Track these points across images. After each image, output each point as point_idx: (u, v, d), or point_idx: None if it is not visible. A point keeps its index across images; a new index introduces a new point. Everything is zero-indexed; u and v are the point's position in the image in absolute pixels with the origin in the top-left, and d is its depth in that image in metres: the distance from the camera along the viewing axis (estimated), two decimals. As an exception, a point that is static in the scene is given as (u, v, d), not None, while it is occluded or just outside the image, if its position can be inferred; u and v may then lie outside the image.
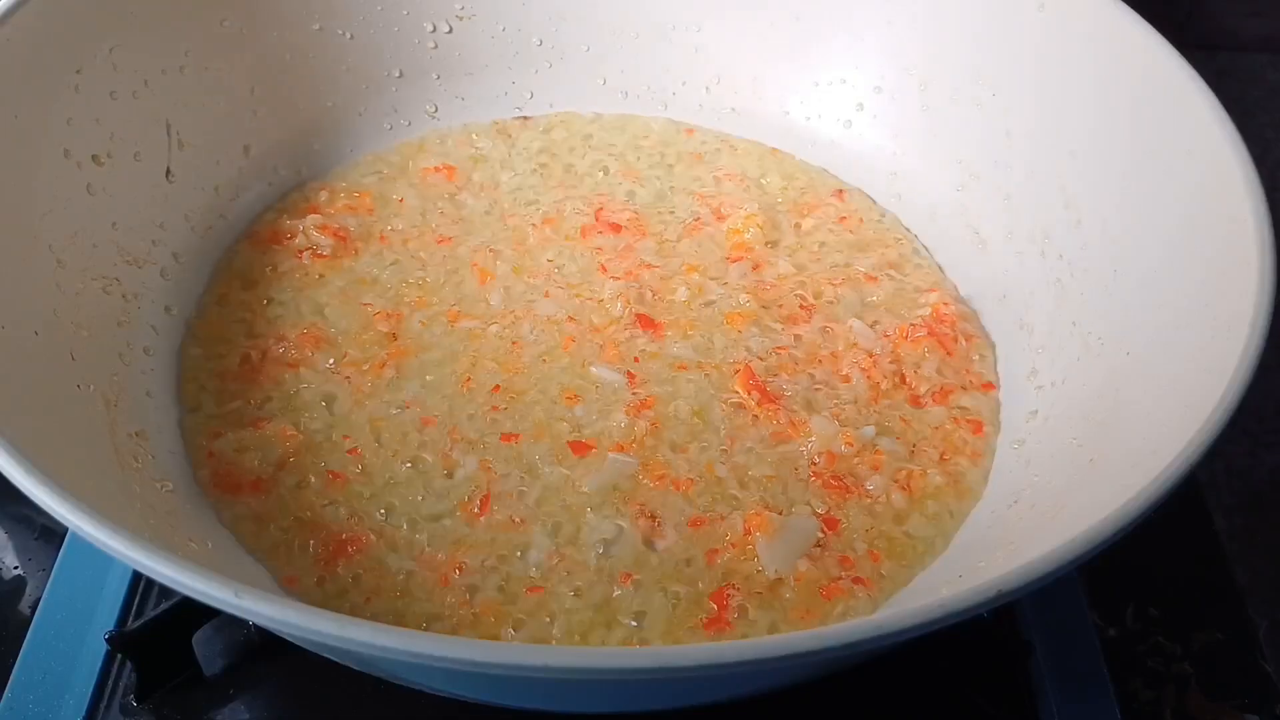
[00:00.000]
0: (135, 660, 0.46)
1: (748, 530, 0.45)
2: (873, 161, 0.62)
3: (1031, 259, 0.54)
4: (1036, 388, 0.51)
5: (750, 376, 0.51)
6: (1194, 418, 0.36)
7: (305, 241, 0.57)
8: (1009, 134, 0.56)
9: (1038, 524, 0.42)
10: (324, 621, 0.30)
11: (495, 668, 0.29)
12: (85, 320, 0.47)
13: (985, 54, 0.57)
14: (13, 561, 0.53)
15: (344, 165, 0.63)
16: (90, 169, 0.50)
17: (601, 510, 0.46)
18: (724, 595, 0.44)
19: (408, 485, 0.47)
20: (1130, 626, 0.51)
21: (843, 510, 0.47)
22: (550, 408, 0.50)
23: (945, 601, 0.31)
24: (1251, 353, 0.37)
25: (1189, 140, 0.46)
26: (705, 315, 0.54)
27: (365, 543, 0.45)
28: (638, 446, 0.48)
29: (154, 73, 0.54)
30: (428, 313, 0.54)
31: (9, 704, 0.45)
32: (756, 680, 0.39)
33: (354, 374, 0.52)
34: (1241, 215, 0.42)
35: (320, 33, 0.61)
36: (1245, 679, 0.49)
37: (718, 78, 0.66)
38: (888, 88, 0.62)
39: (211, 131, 0.57)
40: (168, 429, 0.49)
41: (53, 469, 0.34)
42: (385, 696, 0.45)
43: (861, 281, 0.57)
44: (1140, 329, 0.46)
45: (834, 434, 0.49)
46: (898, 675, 0.46)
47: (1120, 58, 0.50)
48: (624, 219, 0.60)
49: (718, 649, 0.31)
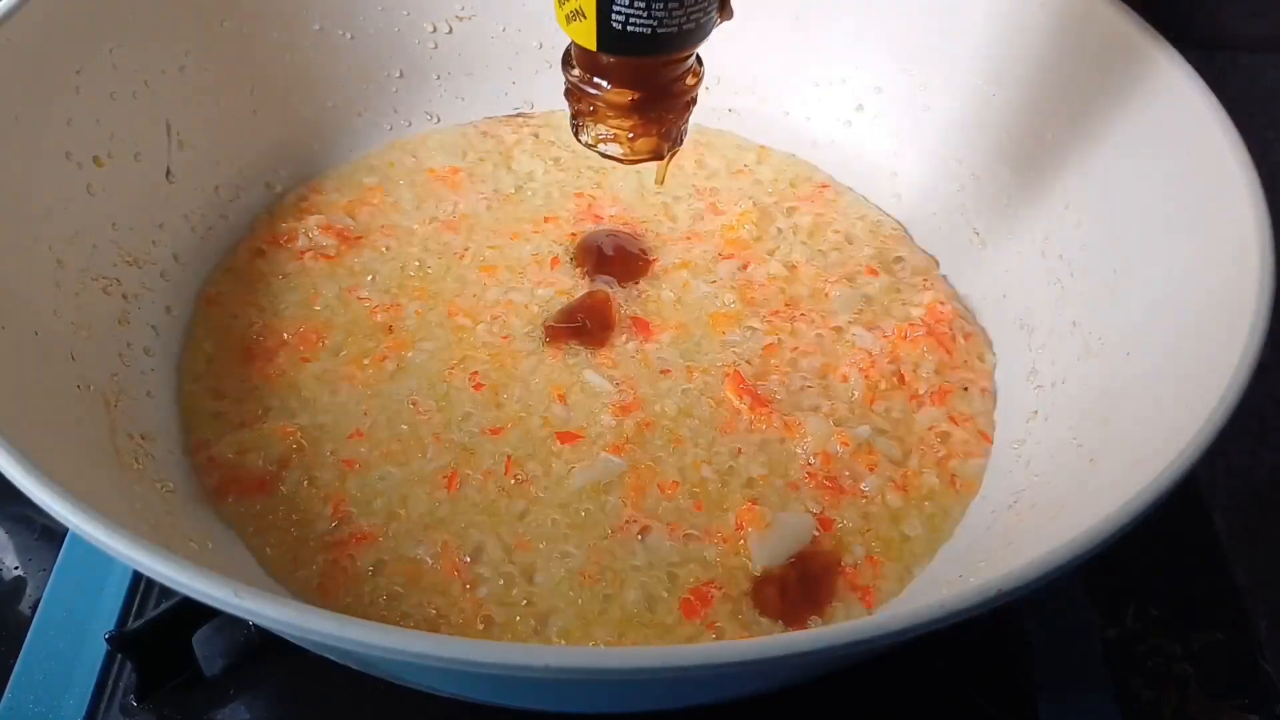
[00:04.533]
0: (135, 660, 0.46)
1: (739, 525, 0.46)
2: (873, 161, 0.62)
3: (1031, 259, 0.54)
4: (1036, 388, 0.51)
5: (740, 381, 0.51)
6: (1194, 418, 0.36)
7: (306, 242, 0.57)
8: (1009, 134, 0.56)
9: (1038, 524, 0.42)
10: (324, 621, 0.30)
11: (495, 668, 0.29)
12: (85, 320, 0.47)
13: (985, 54, 0.57)
14: (13, 561, 0.53)
15: (344, 165, 0.63)
16: (90, 169, 0.50)
17: (589, 505, 0.47)
18: (704, 593, 0.44)
19: (407, 482, 0.47)
20: (1130, 626, 0.51)
21: (838, 511, 0.47)
22: (538, 405, 0.50)
23: (945, 601, 0.31)
24: (1251, 353, 0.37)
25: (1189, 140, 0.46)
26: (696, 314, 0.55)
27: (367, 540, 0.45)
28: (629, 446, 0.49)
29: (154, 73, 0.54)
30: (426, 308, 0.55)
31: (9, 704, 0.45)
32: (756, 680, 0.39)
33: (355, 371, 0.52)
34: (1241, 215, 0.42)
35: (320, 33, 0.61)
36: (1245, 679, 0.49)
37: (717, 78, 0.66)
38: (888, 88, 0.62)
39: (211, 131, 0.57)
40: (168, 429, 0.49)
41: (53, 469, 0.34)
42: (385, 696, 0.45)
43: (859, 280, 0.57)
44: (1140, 329, 0.46)
45: (829, 434, 0.49)
46: (898, 675, 0.46)
47: (1120, 58, 0.50)
48: (622, 218, 0.60)
49: (718, 649, 0.31)
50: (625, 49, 0.38)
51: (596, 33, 0.38)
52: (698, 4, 0.37)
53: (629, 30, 0.37)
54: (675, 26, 0.38)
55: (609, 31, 0.38)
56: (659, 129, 0.43)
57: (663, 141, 0.43)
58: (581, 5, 0.37)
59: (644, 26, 0.37)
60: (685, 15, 0.38)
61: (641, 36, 0.38)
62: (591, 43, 0.38)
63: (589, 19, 0.37)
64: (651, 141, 0.43)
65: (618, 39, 0.38)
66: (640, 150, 0.43)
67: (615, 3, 0.37)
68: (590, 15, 0.37)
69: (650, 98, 0.41)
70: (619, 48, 0.38)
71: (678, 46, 0.39)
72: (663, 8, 0.37)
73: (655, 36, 0.38)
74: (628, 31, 0.37)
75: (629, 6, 0.37)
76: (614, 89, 0.41)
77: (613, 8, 0.37)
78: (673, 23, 0.37)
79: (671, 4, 0.37)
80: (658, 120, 0.42)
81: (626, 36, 0.38)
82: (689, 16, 0.38)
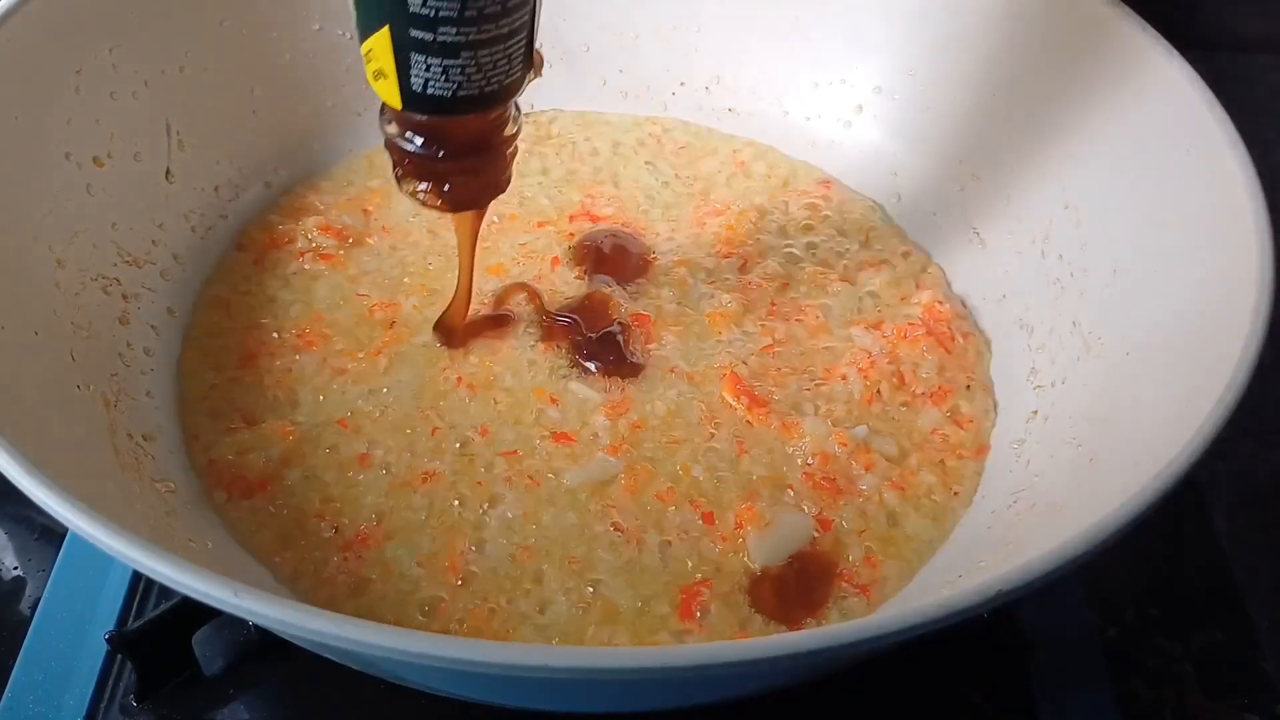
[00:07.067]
0: (135, 660, 0.46)
1: (738, 525, 0.46)
2: (873, 161, 0.62)
3: (1031, 259, 0.54)
4: (1036, 387, 0.51)
5: (737, 382, 0.51)
6: (1194, 418, 0.36)
7: (305, 242, 0.57)
8: (1009, 134, 0.56)
9: (1038, 524, 0.42)
10: (324, 621, 0.30)
11: (495, 668, 0.29)
12: (85, 320, 0.47)
13: (985, 54, 0.57)
14: (13, 562, 0.53)
15: (344, 165, 0.63)
16: (90, 169, 0.50)
17: (587, 505, 0.47)
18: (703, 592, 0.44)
19: (407, 481, 0.47)
20: (1130, 626, 0.51)
21: (836, 511, 0.47)
22: (533, 405, 0.50)
23: (945, 601, 0.31)
24: (1251, 353, 0.37)
25: (1189, 140, 0.46)
26: (695, 314, 0.55)
27: (367, 539, 0.45)
28: (625, 447, 0.49)
29: (154, 73, 0.54)
30: (425, 304, 0.55)
31: (9, 704, 0.45)
32: (756, 680, 0.39)
33: (355, 370, 0.52)
34: (1241, 215, 0.42)
35: (320, 33, 0.61)
36: (1245, 679, 0.49)
37: (717, 78, 0.66)
38: (888, 88, 0.62)
39: (211, 131, 0.57)
40: (168, 429, 0.49)
41: (53, 469, 0.34)
42: (385, 696, 0.45)
43: (858, 280, 0.57)
44: (1140, 329, 0.46)
45: (827, 434, 0.49)
46: (898, 675, 0.46)
47: (1120, 58, 0.50)
48: (621, 217, 0.60)
49: (717, 649, 0.31)
50: (428, 109, 0.38)
51: (399, 92, 0.38)
52: (497, 68, 0.37)
53: (429, 93, 0.37)
54: (476, 89, 0.38)
55: (410, 92, 0.37)
56: (477, 180, 0.43)
57: (482, 192, 0.44)
58: (382, 65, 0.37)
59: (443, 89, 0.37)
60: (485, 79, 0.37)
61: (441, 99, 0.37)
62: (396, 102, 0.38)
63: (390, 78, 0.37)
64: (470, 192, 0.44)
65: (419, 99, 0.38)
66: (459, 200, 0.44)
67: (413, 66, 0.36)
68: (391, 75, 0.37)
69: (462, 151, 0.42)
70: (422, 108, 0.38)
71: (481, 107, 0.39)
72: (460, 72, 0.37)
73: (455, 99, 0.37)
74: (428, 94, 0.37)
75: (426, 70, 0.37)
76: (424, 144, 0.41)
77: (410, 71, 0.37)
78: (472, 85, 0.37)
79: (469, 69, 0.37)
80: (474, 171, 0.43)
81: (427, 98, 0.37)
82: (489, 80, 0.37)
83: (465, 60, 0.36)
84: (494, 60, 0.37)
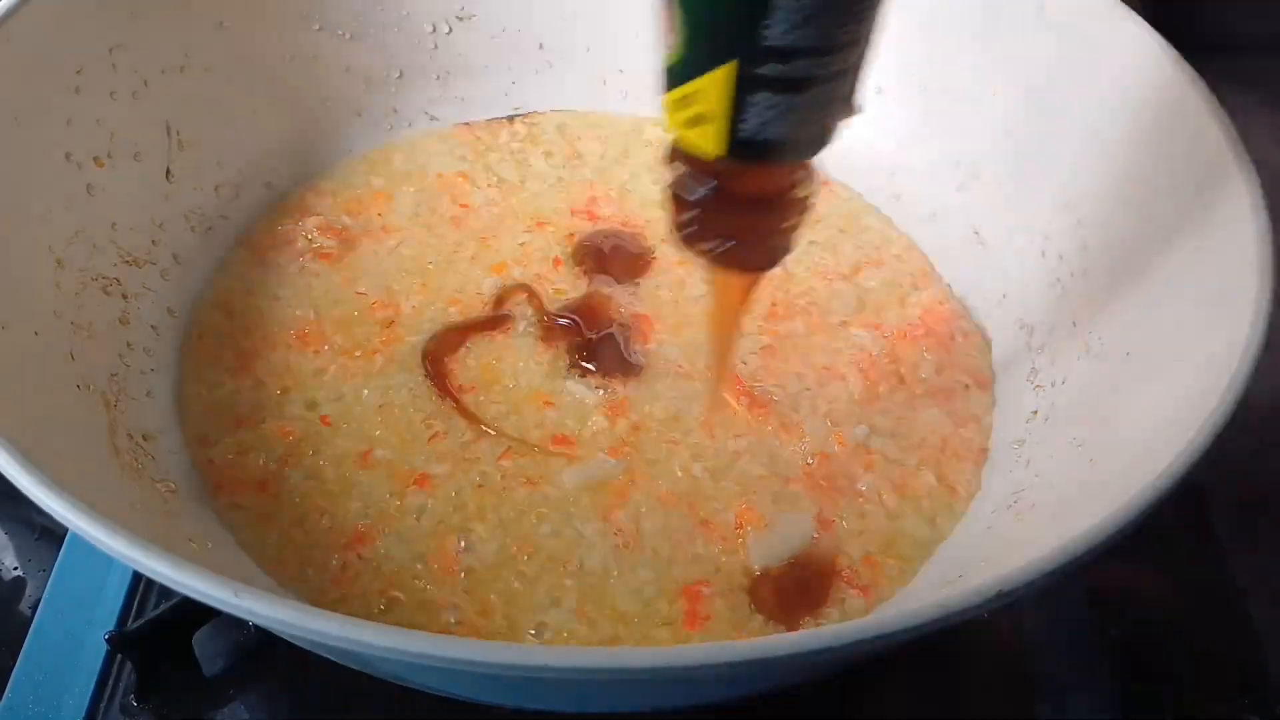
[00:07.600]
0: (135, 660, 0.46)
1: (738, 525, 0.46)
2: (872, 161, 0.62)
3: (1031, 259, 0.54)
4: (1036, 387, 0.51)
5: (737, 383, 0.51)
6: (1194, 418, 0.36)
7: (305, 242, 0.57)
8: (1009, 134, 0.56)
9: (1038, 524, 0.42)
10: (324, 621, 0.30)
11: (495, 668, 0.29)
12: (85, 320, 0.47)
13: (985, 54, 0.57)
14: (13, 562, 0.53)
15: (344, 165, 0.63)
16: (90, 169, 0.50)
17: (586, 505, 0.47)
18: (702, 592, 0.44)
19: (407, 480, 0.47)
20: (1130, 626, 0.51)
21: (836, 511, 0.47)
22: (533, 404, 0.50)
23: (945, 601, 0.31)
24: (1251, 353, 0.37)
25: (1189, 141, 0.46)
26: (694, 314, 0.54)
27: (367, 538, 0.45)
28: (624, 448, 0.49)
29: (154, 73, 0.54)
30: (425, 303, 0.55)
31: (9, 704, 0.45)
32: (756, 681, 0.39)
33: (355, 369, 0.52)
34: (1241, 216, 0.42)
35: (320, 33, 0.61)
36: (1245, 679, 0.49)
37: (718, 78, 0.66)
38: (888, 88, 0.61)
39: (211, 131, 0.57)
40: (168, 429, 0.49)
41: (53, 469, 0.34)
42: (385, 696, 0.45)
43: (857, 280, 0.57)
44: (1140, 329, 0.46)
45: (826, 434, 0.49)
46: (897, 675, 0.46)
47: (1120, 58, 0.50)
48: (621, 217, 0.60)
49: (717, 649, 0.31)
50: (754, 155, 0.33)
51: (726, 137, 0.33)
52: (834, 106, 0.33)
53: (762, 137, 0.32)
54: (813, 132, 0.33)
55: (739, 137, 0.33)
56: (770, 239, 0.38)
57: (775, 251, 0.39)
58: (708, 109, 0.32)
59: (779, 133, 0.32)
60: (823, 118, 0.33)
61: (771, 143, 0.33)
62: (717, 148, 0.33)
63: (716, 122, 0.32)
64: (763, 252, 0.39)
65: (747, 145, 0.33)
66: (750, 260, 0.39)
67: (750, 107, 0.32)
68: (719, 119, 0.32)
69: (762, 207, 0.37)
70: (748, 153, 0.33)
71: (812, 151, 0.34)
72: (801, 113, 0.32)
73: (788, 143, 0.33)
74: (760, 139, 0.33)
75: (767, 110, 0.32)
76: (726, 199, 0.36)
77: (746, 112, 0.32)
78: (810, 127, 0.33)
79: (811, 108, 0.32)
80: (767, 231, 0.38)
81: (758, 143, 0.33)
82: (827, 119, 0.33)
83: (808, 98, 0.32)
84: (831, 98, 0.33)
